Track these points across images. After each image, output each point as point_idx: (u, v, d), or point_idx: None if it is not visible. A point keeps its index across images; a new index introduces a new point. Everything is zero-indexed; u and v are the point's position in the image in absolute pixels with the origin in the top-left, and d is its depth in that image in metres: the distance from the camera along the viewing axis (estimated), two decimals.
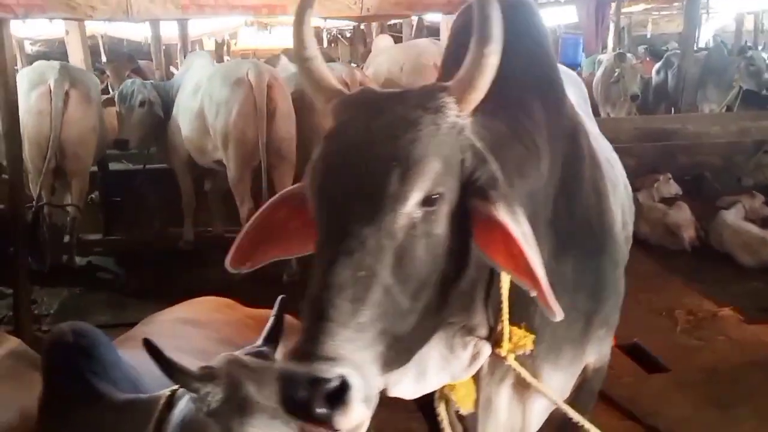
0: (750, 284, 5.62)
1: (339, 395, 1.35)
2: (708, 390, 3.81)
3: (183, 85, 6.24)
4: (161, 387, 2.20)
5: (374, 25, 12.46)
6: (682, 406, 3.65)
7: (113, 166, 7.38)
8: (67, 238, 6.19)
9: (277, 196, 1.78)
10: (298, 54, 1.71)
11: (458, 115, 1.52)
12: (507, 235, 1.50)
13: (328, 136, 1.56)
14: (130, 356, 2.35)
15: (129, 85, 6.41)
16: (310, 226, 1.69)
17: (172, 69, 10.17)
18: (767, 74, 9.67)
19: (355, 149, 1.49)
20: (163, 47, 9.50)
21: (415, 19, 9.71)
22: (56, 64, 5.90)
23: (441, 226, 1.50)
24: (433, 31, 9.31)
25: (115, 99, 6.44)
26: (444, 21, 7.23)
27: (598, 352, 2.20)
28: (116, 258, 6.57)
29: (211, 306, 3.19)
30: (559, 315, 1.51)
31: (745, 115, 8.82)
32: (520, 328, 1.76)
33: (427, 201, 1.47)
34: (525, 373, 1.76)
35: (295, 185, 1.77)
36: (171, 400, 1.91)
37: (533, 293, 1.51)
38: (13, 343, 3.01)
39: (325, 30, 13.95)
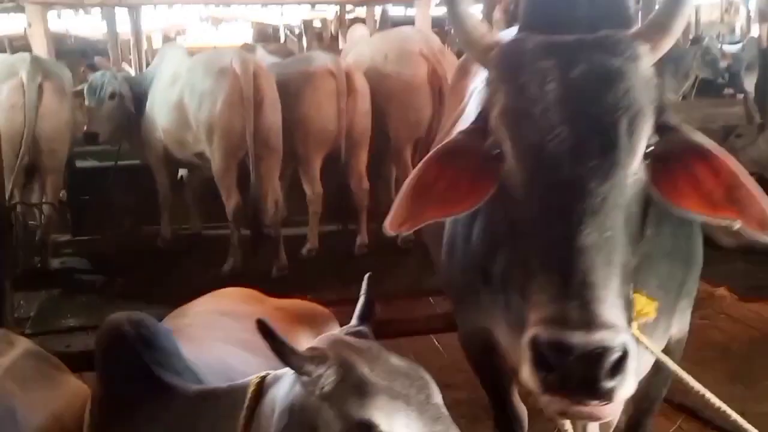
0: (734, 264, 5.68)
1: (619, 365, 1.27)
2: (726, 366, 3.83)
3: (158, 78, 6.01)
4: (219, 379, 2.07)
5: (332, 20, 12.35)
6: (705, 384, 3.64)
7: (80, 163, 7.08)
8: (39, 239, 5.90)
9: (428, 155, 1.68)
10: None
11: (649, 64, 1.46)
12: (698, 174, 1.47)
13: (515, 86, 1.47)
14: None
15: (99, 77, 6.14)
16: (458, 184, 1.61)
17: (125, 65, 9.84)
18: (722, 63, 9.92)
19: (570, 101, 1.41)
20: None
21: (378, 11, 9.63)
22: (26, 55, 5.61)
23: (648, 179, 1.45)
24: (397, 24, 9.23)
25: (84, 92, 6.16)
26: (419, 8, 7.21)
27: (680, 322, 2.17)
28: (90, 258, 6.30)
29: (239, 297, 3.06)
30: None
31: (705, 102, 9.03)
32: (642, 295, 1.69)
33: (646, 154, 1.43)
34: (648, 343, 1.69)
35: (443, 143, 1.68)
36: (260, 388, 1.80)
37: (737, 226, 1.47)
38: (25, 342, 2.83)
39: (282, 26, 13.75)
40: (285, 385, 1.70)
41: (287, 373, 1.76)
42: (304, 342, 2.71)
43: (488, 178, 1.57)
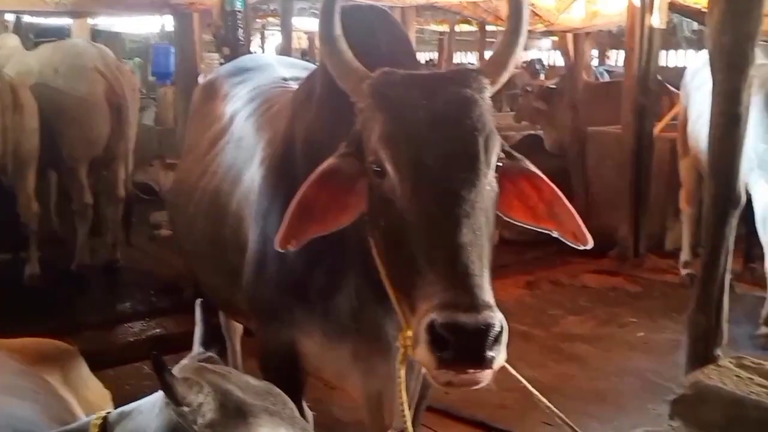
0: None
1: (497, 338, 1.49)
2: None
3: None
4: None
5: None
6: None
7: None
8: None
9: (313, 175, 1.78)
10: (327, 33, 1.78)
11: (489, 95, 1.74)
12: (525, 190, 1.81)
13: (391, 113, 1.68)
14: None
15: None
16: (335, 202, 1.77)
17: None
18: None
19: (439, 125, 1.63)
20: None
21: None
22: None
23: (498, 191, 1.73)
24: (42, 35, 8.55)
25: None
26: (78, 20, 6.79)
27: None
28: None
29: None
30: (590, 243, 1.80)
31: None
32: None
33: (496, 167, 1.70)
34: None
35: (321, 167, 1.78)
36: (103, 429, 1.71)
37: (556, 234, 1.81)
38: None
39: None
40: (150, 420, 1.64)
41: (142, 407, 1.70)
42: (52, 381, 2.53)
43: (359, 195, 1.77)
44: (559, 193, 1.82)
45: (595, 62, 13.87)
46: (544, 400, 2.27)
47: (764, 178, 4.39)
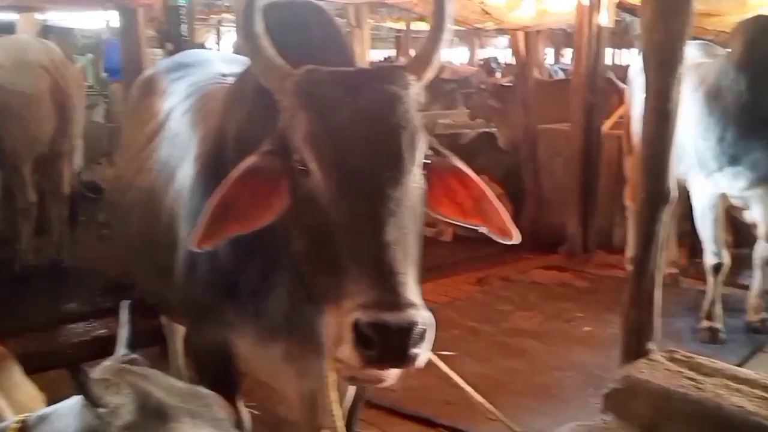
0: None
1: (422, 336, 1.50)
2: None
3: None
4: None
5: None
6: None
7: None
8: None
9: (233, 172, 1.75)
10: (249, 30, 1.75)
11: (416, 92, 1.74)
12: (453, 186, 1.82)
13: (314, 112, 1.67)
14: None
15: None
16: (256, 201, 1.75)
17: None
18: None
19: (363, 123, 1.63)
20: None
21: None
22: None
23: (425, 188, 1.73)
24: None
25: None
26: (24, 16, 6.64)
27: None
28: None
29: None
30: (517, 237, 1.81)
31: None
32: None
33: (422, 164, 1.70)
34: None
35: (242, 165, 1.76)
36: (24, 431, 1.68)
37: (483, 229, 1.83)
38: None
39: None
40: (69, 422, 1.61)
41: (62, 410, 1.68)
42: None
43: (282, 194, 1.75)
44: (486, 188, 1.84)
45: (550, 60, 14.00)
46: (478, 396, 2.29)
47: (703, 175, 4.46)
